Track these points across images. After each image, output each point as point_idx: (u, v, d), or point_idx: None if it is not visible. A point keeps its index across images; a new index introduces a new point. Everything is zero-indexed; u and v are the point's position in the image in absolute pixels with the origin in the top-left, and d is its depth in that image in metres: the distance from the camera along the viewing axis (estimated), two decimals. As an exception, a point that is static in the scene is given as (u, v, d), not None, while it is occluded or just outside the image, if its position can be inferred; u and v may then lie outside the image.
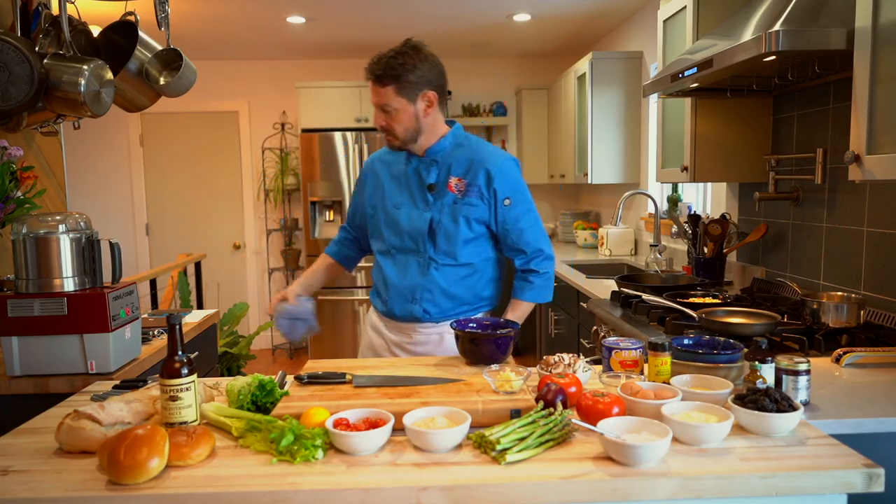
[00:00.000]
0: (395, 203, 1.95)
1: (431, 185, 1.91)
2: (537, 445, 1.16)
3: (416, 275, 1.93)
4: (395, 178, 1.98)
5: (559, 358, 1.51)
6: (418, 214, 1.91)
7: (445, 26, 4.72)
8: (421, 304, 1.93)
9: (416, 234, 1.91)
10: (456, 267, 1.93)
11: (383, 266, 1.99)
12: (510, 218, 1.91)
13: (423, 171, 1.93)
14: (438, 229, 1.89)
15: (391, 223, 1.95)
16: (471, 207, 1.88)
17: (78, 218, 1.81)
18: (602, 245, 4.47)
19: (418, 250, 1.93)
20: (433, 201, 1.90)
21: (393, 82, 1.80)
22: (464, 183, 1.89)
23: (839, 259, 2.28)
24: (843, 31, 1.71)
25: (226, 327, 4.55)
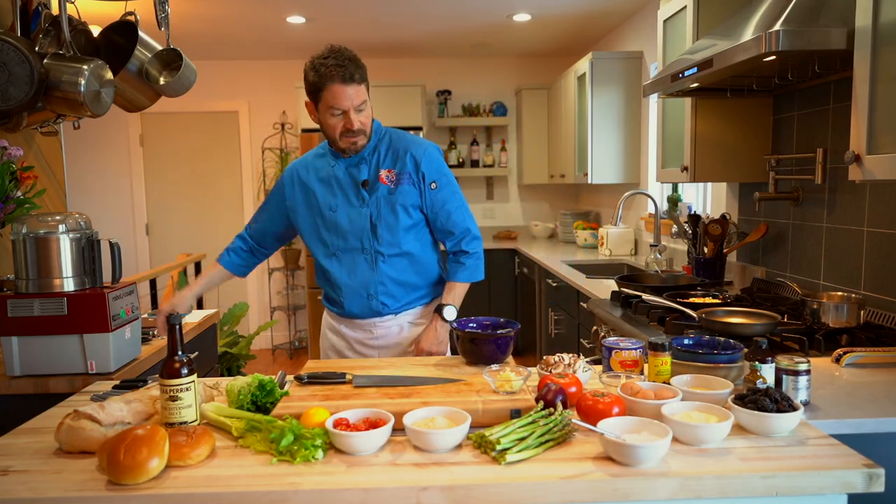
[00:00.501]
0: (330, 206, 1.96)
1: (365, 181, 1.94)
2: (537, 445, 1.16)
3: (365, 271, 1.96)
4: (325, 182, 1.98)
5: (559, 358, 1.52)
6: (357, 212, 1.94)
7: (445, 26, 4.72)
8: (377, 297, 1.97)
9: (360, 232, 1.94)
10: (401, 256, 1.97)
11: (329, 269, 1.99)
12: (437, 200, 1.98)
13: (354, 170, 1.96)
14: (379, 223, 1.94)
15: (331, 226, 1.97)
16: (405, 195, 1.95)
17: (78, 218, 1.81)
18: (602, 245, 4.47)
19: (363, 247, 1.95)
20: (368, 197, 1.94)
21: (364, 80, 1.86)
22: (394, 173, 1.95)
23: (839, 259, 2.28)
24: (843, 30, 1.71)
25: (226, 327, 4.56)
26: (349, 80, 1.81)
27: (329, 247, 1.98)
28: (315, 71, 1.82)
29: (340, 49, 1.84)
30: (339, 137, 1.88)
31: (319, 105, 1.87)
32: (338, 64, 1.80)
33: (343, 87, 1.81)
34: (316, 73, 1.82)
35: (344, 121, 1.85)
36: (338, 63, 1.80)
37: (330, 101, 1.82)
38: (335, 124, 1.86)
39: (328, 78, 1.80)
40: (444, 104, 5.74)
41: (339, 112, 1.84)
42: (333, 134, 1.88)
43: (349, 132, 1.86)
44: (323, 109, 1.86)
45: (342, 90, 1.81)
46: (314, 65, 1.83)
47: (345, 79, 1.80)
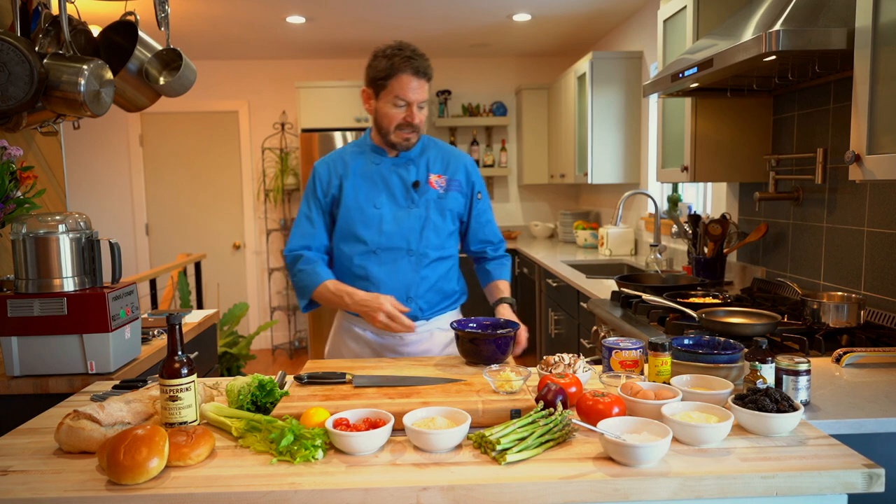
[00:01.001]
0: (374, 203, 1.93)
1: (416, 182, 1.93)
2: (537, 445, 1.16)
3: (408, 272, 1.93)
4: (367, 179, 1.95)
5: (559, 358, 1.52)
6: (405, 213, 1.92)
7: (445, 26, 4.72)
8: (416, 302, 1.94)
9: (407, 233, 1.92)
10: (442, 261, 1.98)
11: (368, 268, 1.93)
12: (481, 211, 2.05)
13: (402, 170, 1.94)
14: (428, 225, 1.93)
15: (372, 223, 1.92)
16: (454, 202, 1.97)
17: (78, 218, 1.81)
18: (602, 245, 4.47)
19: (409, 248, 1.93)
20: (418, 199, 1.93)
21: (430, 81, 1.86)
22: (444, 179, 1.96)
23: (839, 259, 2.28)
24: (843, 30, 1.71)
25: (226, 327, 4.56)
26: (421, 75, 1.81)
27: (368, 244, 1.93)
28: (386, 58, 1.80)
29: (411, 45, 1.84)
30: (394, 130, 1.86)
31: (382, 93, 1.84)
32: (412, 56, 1.80)
33: (414, 79, 1.80)
34: (387, 60, 1.80)
35: (406, 113, 1.84)
36: (412, 56, 1.80)
37: (397, 91, 1.81)
38: (395, 115, 1.84)
39: (400, 67, 1.79)
40: (444, 104, 5.74)
41: (403, 104, 1.82)
42: (389, 125, 1.86)
43: (408, 126, 1.85)
44: (385, 98, 1.83)
45: (412, 82, 1.80)
46: (385, 53, 1.81)
47: (417, 71, 1.80)
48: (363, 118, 5.27)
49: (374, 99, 1.88)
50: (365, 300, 1.81)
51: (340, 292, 1.86)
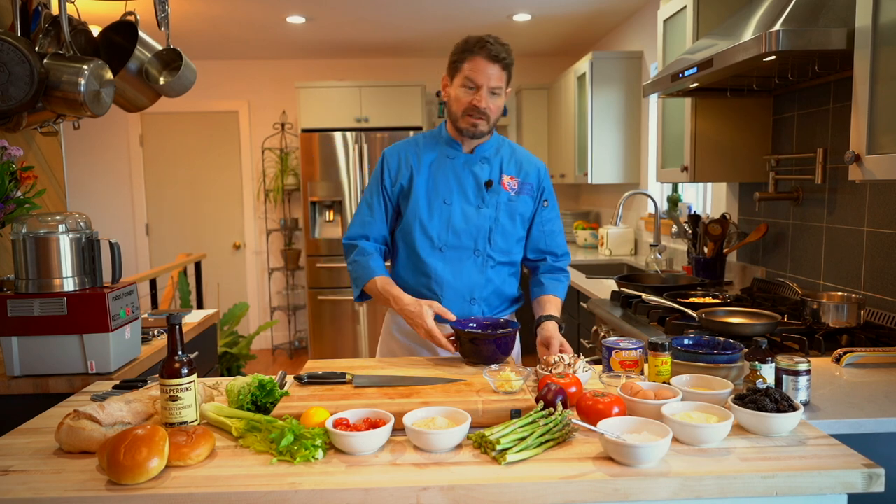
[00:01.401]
0: (445, 199, 1.87)
1: (489, 181, 1.87)
2: (537, 445, 1.16)
3: (472, 273, 1.88)
4: (440, 171, 1.89)
5: (559, 358, 1.52)
6: (475, 212, 1.87)
7: (445, 26, 4.72)
8: (480, 304, 1.90)
9: (476, 232, 1.87)
10: (507, 265, 1.93)
11: (433, 265, 1.87)
12: (547, 219, 1.97)
13: (476, 167, 1.88)
14: (496, 228, 1.88)
15: (442, 219, 1.87)
16: (525, 205, 1.91)
17: (78, 218, 1.81)
18: (602, 245, 4.47)
19: (476, 248, 1.88)
20: (489, 198, 1.88)
21: (509, 68, 1.81)
22: (517, 181, 1.90)
23: (839, 259, 2.28)
24: (843, 31, 1.71)
25: (226, 327, 4.56)
26: (495, 60, 1.76)
27: (434, 241, 1.87)
28: (465, 42, 1.79)
29: (496, 36, 1.80)
30: (462, 114, 1.81)
31: (455, 77, 1.81)
32: (489, 41, 1.76)
33: (485, 63, 1.76)
34: (465, 44, 1.79)
35: (473, 97, 1.78)
36: (489, 41, 1.76)
37: (467, 72, 1.77)
38: (463, 98, 1.79)
39: (474, 51, 1.76)
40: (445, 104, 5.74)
41: (473, 86, 1.78)
42: (458, 109, 1.82)
43: (475, 110, 1.79)
44: (458, 82, 1.80)
45: (484, 64, 1.76)
46: (468, 40, 1.79)
47: (491, 55, 1.75)
48: (363, 118, 5.27)
49: (450, 85, 1.84)
50: (410, 311, 1.76)
51: (387, 294, 1.81)
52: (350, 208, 5.18)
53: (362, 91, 5.25)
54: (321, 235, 5.22)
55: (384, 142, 5.12)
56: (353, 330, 5.25)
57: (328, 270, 5.20)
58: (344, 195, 5.17)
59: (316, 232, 5.23)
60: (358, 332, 5.27)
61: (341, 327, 5.25)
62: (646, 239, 4.29)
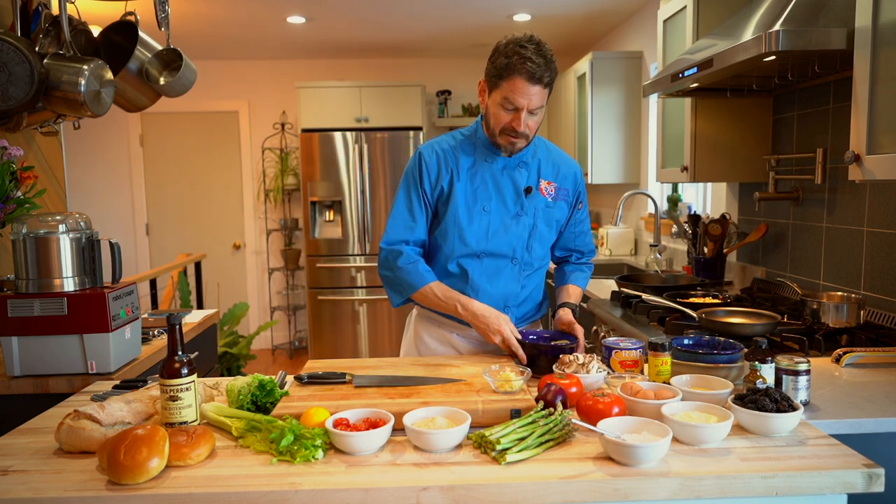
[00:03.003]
0: (483, 205, 1.80)
1: (529, 188, 1.81)
2: (537, 445, 1.16)
3: (509, 281, 1.84)
4: (478, 176, 1.82)
5: (573, 357, 1.51)
6: (514, 220, 1.81)
7: (445, 26, 4.72)
8: (513, 311, 1.87)
9: (514, 240, 1.82)
10: (539, 270, 1.91)
11: (471, 271, 1.82)
12: (578, 220, 1.95)
13: (515, 173, 1.82)
14: (535, 235, 1.84)
15: (479, 226, 1.81)
16: (561, 211, 1.87)
17: (78, 218, 1.81)
18: (602, 245, 4.47)
19: (514, 256, 1.83)
20: (528, 206, 1.82)
21: (550, 86, 1.71)
22: (553, 186, 1.85)
23: (839, 259, 2.28)
24: (843, 31, 1.71)
25: (226, 327, 4.56)
26: (536, 81, 1.65)
27: (473, 248, 1.81)
28: (506, 56, 1.66)
29: (541, 44, 1.68)
30: (500, 133, 1.73)
31: (494, 91, 1.71)
32: (533, 59, 1.63)
33: (527, 85, 1.65)
34: (507, 58, 1.65)
35: (512, 119, 1.70)
36: (532, 57, 1.64)
37: (507, 93, 1.67)
38: (502, 118, 1.71)
39: (516, 69, 1.64)
40: (444, 104, 5.74)
41: (512, 108, 1.69)
42: (496, 126, 1.73)
43: (512, 132, 1.71)
44: (496, 97, 1.70)
45: (525, 87, 1.65)
46: (507, 49, 1.66)
47: (532, 77, 1.64)
48: (363, 118, 5.27)
49: (487, 95, 1.75)
50: (485, 316, 1.71)
51: (452, 300, 1.75)
52: (350, 208, 5.18)
53: (362, 91, 5.25)
54: (321, 235, 5.22)
55: (384, 142, 5.12)
56: (353, 330, 5.25)
57: (328, 270, 5.20)
58: (344, 195, 5.17)
59: (316, 232, 5.23)
60: (358, 332, 5.27)
61: (341, 327, 5.25)
62: (646, 239, 4.29)
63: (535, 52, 1.65)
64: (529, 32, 1.70)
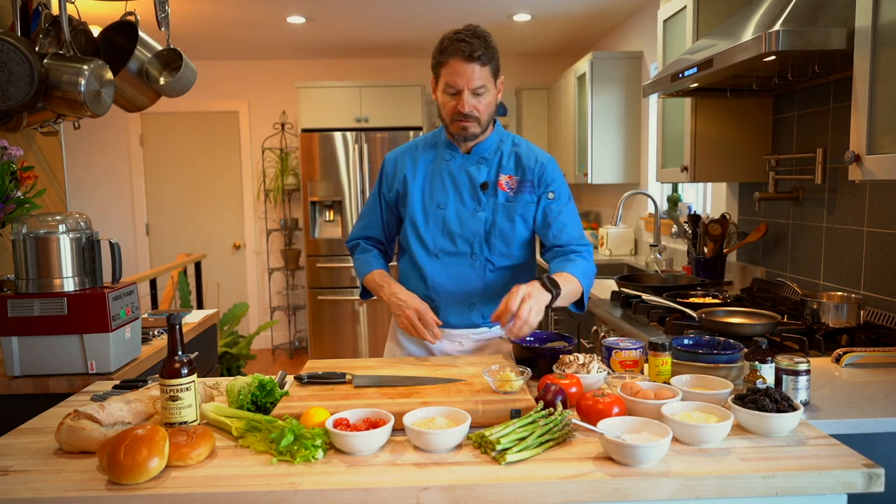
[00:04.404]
0: (439, 203, 1.82)
1: (485, 183, 1.80)
2: (537, 445, 1.16)
3: (471, 278, 1.83)
4: (435, 175, 1.84)
5: (574, 357, 1.51)
6: (470, 215, 1.81)
7: (445, 26, 4.69)
8: (479, 309, 1.85)
9: (471, 236, 1.81)
10: (509, 268, 1.86)
11: (428, 270, 1.84)
12: (553, 211, 1.84)
13: (473, 169, 1.82)
14: (493, 230, 1.81)
15: (436, 224, 1.83)
16: (524, 206, 1.83)
17: (78, 218, 1.81)
18: (602, 245, 4.47)
19: (472, 252, 1.82)
20: (485, 201, 1.81)
21: (490, 62, 1.70)
22: (515, 180, 1.82)
23: (839, 259, 2.28)
24: (843, 31, 1.71)
25: (226, 327, 4.56)
26: (470, 59, 1.66)
27: (430, 247, 1.83)
28: (440, 44, 1.71)
29: (477, 28, 1.71)
30: (451, 120, 1.74)
31: (438, 82, 1.74)
32: (463, 39, 1.66)
33: (463, 64, 1.66)
34: (440, 46, 1.71)
35: (457, 102, 1.70)
36: (463, 38, 1.67)
37: (447, 78, 1.70)
38: (447, 104, 1.73)
39: (450, 53, 1.67)
40: (444, 104, 5.74)
41: (454, 91, 1.70)
42: (447, 115, 1.75)
43: (459, 115, 1.71)
44: (441, 87, 1.73)
45: (461, 67, 1.67)
46: (445, 39, 1.71)
47: (465, 54, 1.65)
48: (363, 118, 5.27)
49: (436, 89, 1.77)
50: (396, 295, 1.76)
51: (382, 282, 1.83)
52: (350, 208, 5.18)
53: (362, 91, 5.25)
54: (321, 235, 5.22)
55: (384, 142, 5.12)
56: (353, 330, 5.25)
57: (328, 270, 5.20)
58: (344, 195, 5.17)
59: (316, 232, 5.23)
60: (358, 332, 5.27)
61: (341, 327, 5.25)
62: (646, 239, 4.29)
63: (468, 34, 1.68)
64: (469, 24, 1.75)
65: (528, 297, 1.58)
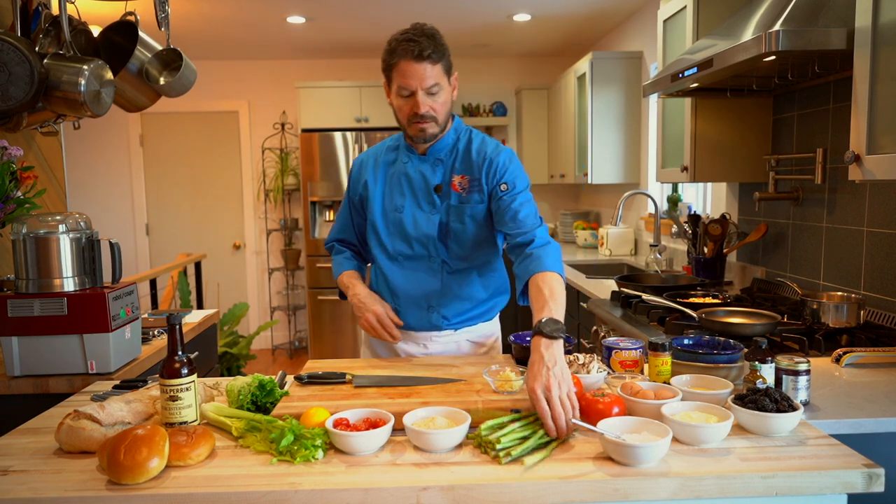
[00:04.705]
0: (396, 206, 1.82)
1: (438, 185, 1.79)
2: (542, 447, 1.16)
3: (428, 281, 1.82)
4: (393, 179, 1.83)
5: (574, 357, 1.51)
6: (425, 217, 1.79)
7: (445, 26, 4.72)
8: (438, 310, 1.83)
9: (426, 240, 1.80)
10: (471, 269, 1.84)
11: (389, 274, 1.85)
12: (504, 202, 1.76)
13: (428, 171, 1.80)
14: (448, 233, 1.79)
15: (394, 228, 1.82)
16: (474, 206, 1.78)
17: (78, 218, 1.81)
18: (602, 245, 4.47)
19: (429, 255, 1.81)
20: (440, 204, 1.79)
21: (441, 60, 1.67)
22: (466, 180, 1.79)
23: (839, 259, 2.28)
24: (843, 31, 1.71)
25: (226, 327, 4.56)
26: (420, 58, 1.62)
27: (390, 251, 1.84)
28: (388, 46, 1.67)
29: (421, 25, 1.68)
30: (408, 123, 1.71)
31: (392, 85, 1.70)
32: (411, 39, 1.63)
33: (413, 64, 1.63)
34: (389, 47, 1.67)
35: (411, 104, 1.67)
36: (411, 38, 1.63)
37: (399, 80, 1.66)
38: (403, 107, 1.70)
39: (399, 54, 1.64)
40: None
41: (407, 93, 1.66)
42: (403, 118, 1.72)
43: (416, 117, 1.68)
44: (393, 90, 1.70)
45: (411, 67, 1.63)
46: (392, 41, 1.67)
47: (414, 54, 1.62)
48: (363, 118, 5.27)
49: (389, 94, 1.74)
50: (359, 297, 1.81)
51: (348, 283, 1.86)
52: (350, 208, 5.18)
53: (362, 91, 5.25)
54: (321, 235, 5.22)
55: (384, 142, 5.11)
56: (353, 330, 5.25)
57: (328, 270, 5.19)
58: (344, 195, 5.17)
59: (316, 232, 5.23)
60: (358, 332, 5.26)
61: (341, 327, 5.25)
62: (646, 239, 4.29)
63: (416, 34, 1.65)
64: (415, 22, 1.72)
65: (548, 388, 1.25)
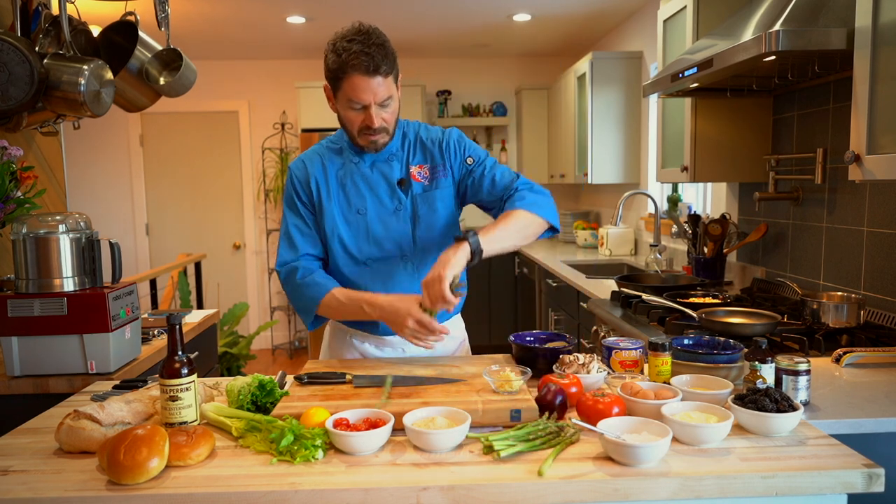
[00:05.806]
0: (358, 209, 1.72)
1: (401, 179, 1.72)
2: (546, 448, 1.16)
3: (405, 281, 1.75)
4: (348, 180, 1.73)
5: (574, 357, 1.51)
6: (391, 215, 1.72)
7: (445, 26, 4.72)
8: None
9: (398, 237, 1.73)
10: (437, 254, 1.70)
11: (357, 280, 1.75)
12: (477, 171, 1.75)
13: (385, 167, 1.73)
14: (419, 224, 1.73)
15: (359, 231, 1.73)
16: (442, 190, 1.74)
17: (78, 218, 1.81)
18: (602, 245, 4.47)
19: (402, 254, 1.74)
20: (405, 198, 1.73)
21: (392, 70, 1.60)
22: (426, 168, 1.74)
23: (839, 259, 2.28)
24: (843, 31, 1.71)
25: (226, 327, 4.56)
26: (373, 72, 1.55)
27: (358, 256, 1.74)
28: (336, 54, 1.56)
29: (369, 31, 1.58)
30: (358, 134, 1.65)
31: (338, 94, 1.62)
32: (363, 51, 1.54)
33: (366, 80, 1.55)
34: (337, 57, 1.56)
35: (364, 117, 1.61)
36: (363, 50, 1.54)
37: (349, 94, 1.58)
38: (354, 119, 1.63)
39: (350, 66, 1.54)
40: (444, 104, 5.75)
41: (360, 106, 1.60)
42: (353, 129, 1.65)
43: (368, 129, 1.63)
44: (342, 100, 1.62)
45: (364, 83, 1.55)
46: (335, 47, 1.57)
47: (369, 70, 1.54)
48: (363, 118, 5.27)
49: (334, 99, 1.66)
50: (392, 305, 1.59)
51: (357, 301, 1.65)
52: (350, 208, 5.18)
53: (362, 91, 5.24)
54: (321, 235, 5.22)
55: (384, 142, 5.11)
56: (353, 330, 5.25)
57: (328, 270, 5.19)
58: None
59: (316, 232, 5.22)
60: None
61: (341, 327, 5.24)
62: (646, 239, 4.29)
63: (363, 42, 1.55)
64: (357, 22, 1.61)
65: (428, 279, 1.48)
